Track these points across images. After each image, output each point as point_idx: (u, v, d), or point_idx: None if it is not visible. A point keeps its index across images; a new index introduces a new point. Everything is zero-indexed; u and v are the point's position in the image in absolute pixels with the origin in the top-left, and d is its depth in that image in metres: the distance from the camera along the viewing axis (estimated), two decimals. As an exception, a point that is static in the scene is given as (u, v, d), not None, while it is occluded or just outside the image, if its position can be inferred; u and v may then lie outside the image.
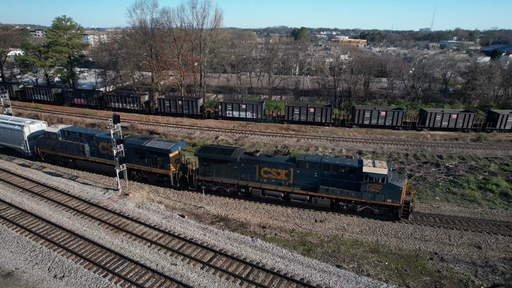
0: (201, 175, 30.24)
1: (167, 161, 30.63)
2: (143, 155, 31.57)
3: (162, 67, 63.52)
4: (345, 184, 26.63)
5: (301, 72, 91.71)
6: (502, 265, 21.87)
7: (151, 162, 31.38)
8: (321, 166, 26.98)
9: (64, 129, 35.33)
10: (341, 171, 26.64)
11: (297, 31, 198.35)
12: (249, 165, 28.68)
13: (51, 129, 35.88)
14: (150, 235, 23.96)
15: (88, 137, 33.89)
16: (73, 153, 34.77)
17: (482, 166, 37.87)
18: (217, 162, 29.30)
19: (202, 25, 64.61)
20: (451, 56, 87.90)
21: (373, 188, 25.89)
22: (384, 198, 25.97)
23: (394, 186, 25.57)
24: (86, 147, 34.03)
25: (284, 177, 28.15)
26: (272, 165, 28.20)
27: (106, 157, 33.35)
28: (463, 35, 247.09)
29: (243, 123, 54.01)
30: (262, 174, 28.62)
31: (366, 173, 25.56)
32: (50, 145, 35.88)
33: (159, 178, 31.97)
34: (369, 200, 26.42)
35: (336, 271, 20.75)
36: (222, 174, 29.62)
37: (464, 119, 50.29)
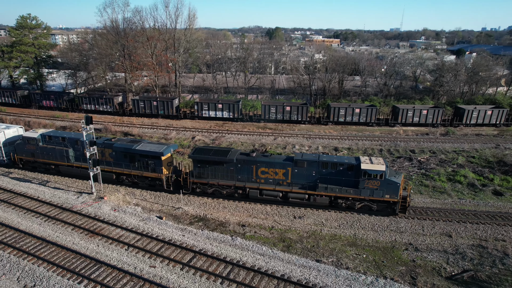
0: (196, 177, 29.39)
1: (159, 164, 29.50)
2: (133, 159, 30.28)
3: (135, 67, 62.13)
4: (343, 182, 26.67)
5: (276, 71, 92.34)
6: (470, 252, 22.92)
7: (142, 165, 30.15)
8: (319, 164, 26.91)
9: (45, 133, 33.27)
10: (339, 169, 26.67)
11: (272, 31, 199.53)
12: (245, 165, 28.16)
13: (30, 134, 33.82)
14: (127, 238, 23.37)
15: (72, 142, 32.08)
16: (56, 158, 32.84)
17: (451, 159, 39.52)
18: (213, 163, 28.55)
19: (175, 24, 63.79)
20: (420, 55, 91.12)
21: (371, 184, 26.10)
22: (382, 194, 26.23)
23: (392, 182, 25.87)
24: (70, 152, 32.25)
25: (282, 176, 27.87)
26: (269, 165, 27.85)
27: None
28: (430, 35, 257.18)
29: (220, 123, 53.73)
30: (259, 175, 28.18)
31: (364, 170, 25.72)
32: (29, 151, 33.80)
33: (151, 182, 30.74)
34: (368, 197, 26.60)
35: (316, 266, 21.03)
36: (218, 176, 28.90)
37: (433, 114, 52.28)
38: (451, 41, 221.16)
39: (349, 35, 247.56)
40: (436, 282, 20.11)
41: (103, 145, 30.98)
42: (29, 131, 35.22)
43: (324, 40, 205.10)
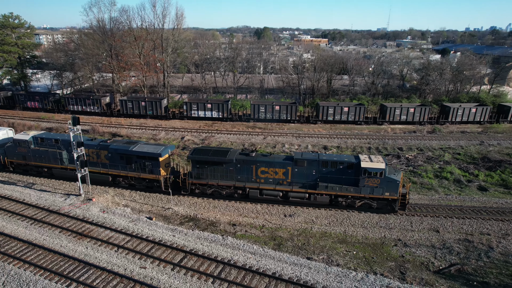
0: (195, 178, 29.04)
1: (156, 166, 29.02)
2: (129, 161, 29.67)
3: (123, 67, 61.36)
4: (344, 180, 26.76)
5: (265, 71, 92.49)
6: (457, 246, 23.39)
7: (139, 167, 29.55)
8: (319, 163, 26.93)
9: (36, 135, 32.21)
10: (339, 167, 26.76)
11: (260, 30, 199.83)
12: (245, 165, 27.96)
13: (21, 136, 32.58)
14: (117, 240, 23.09)
15: (66, 144, 30.96)
16: (49, 161, 31.84)
17: (438, 156, 40.24)
18: (212, 164, 28.28)
19: (163, 24, 63.27)
20: (406, 54, 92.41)
21: (371, 182, 26.28)
22: (382, 191, 26.44)
23: (391, 180, 26.09)
24: (64, 155, 31.32)
25: (282, 176, 27.78)
26: (269, 165, 27.73)
27: (88, 164, 30.46)
28: (416, 35, 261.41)
29: (209, 123, 53.55)
30: (259, 174, 28.03)
31: (364, 168, 25.89)
32: (21, 154, 32.67)
33: (148, 184, 30.27)
34: (368, 195, 26.79)
35: (307, 263, 21.15)
36: (217, 176, 28.63)
37: (420, 112, 53.12)
38: (436, 41, 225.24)
39: (337, 35, 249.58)
40: (424, 276, 20.45)
41: (99, 147, 30.35)
42: (20, 133, 34.03)
43: (312, 40, 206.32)
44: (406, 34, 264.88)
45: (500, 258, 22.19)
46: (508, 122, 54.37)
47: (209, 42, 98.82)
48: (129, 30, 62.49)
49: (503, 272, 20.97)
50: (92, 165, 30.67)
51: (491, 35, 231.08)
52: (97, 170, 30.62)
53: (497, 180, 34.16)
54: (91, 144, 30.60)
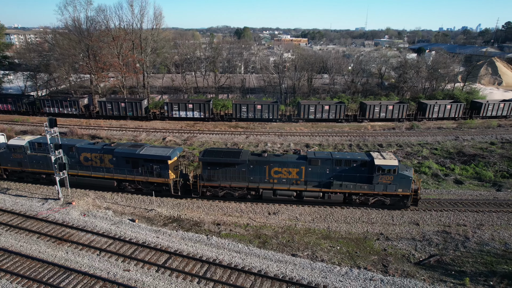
0: (206, 180, 28.37)
1: (165, 169, 28.18)
2: (136, 164, 28.69)
3: (101, 68, 59.92)
4: (358, 178, 26.92)
5: (246, 70, 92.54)
6: (436, 238, 24.17)
7: (146, 171, 28.62)
8: (332, 162, 26.96)
9: (33, 140, 30.49)
10: (352, 166, 26.88)
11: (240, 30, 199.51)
12: (258, 166, 27.59)
13: (16, 141, 30.72)
14: (99, 243, 22.58)
15: (66, 148, 29.47)
16: (48, 167, 29.97)
17: (416, 151, 41.38)
18: (224, 165, 27.72)
19: (141, 24, 62.22)
20: (384, 53, 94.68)
21: (385, 179, 26.54)
22: (395, 188, 26.75)
23: (404, 176, 26.47)
24: (64, 160, 29.66)
25: (295, 175, 27.57)
26: (282, 165, 27.47)
27: (91, 169, 29.73)
28: (393, 34, 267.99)
29: (191, 123, 53.12)
30: (272, 175, 27.70)
31: (378, 166, 26.15)
32: (16, 160, 30.83)
33: (156, 187, 29.30)
34: (381, 192, 27.03)
35: (292, 260, 21.34)
36: (229, 178, 28.06)
37: (399, 110, 54.48)
38: (412, 40, 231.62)
39: (317, 34, 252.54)
40: (406, 268, 21.02)
41: (102, 151, 29.21)
42: (14, 138, 32.06)
43: (292, 40, 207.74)
44: (384, 34, 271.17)
45: (475, 248, 23.08)
46: (481, 118, 56.53)
47: (189, 42, 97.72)
48: (106, 30, 61.11)
49: (478, 260, 21.83)
50: (95, 170, 29.63)
51: (462, 34, 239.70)
52: (101, 175, 29.50)
53: (471, 174, 35.50)
54: (94, 148, 29.45)
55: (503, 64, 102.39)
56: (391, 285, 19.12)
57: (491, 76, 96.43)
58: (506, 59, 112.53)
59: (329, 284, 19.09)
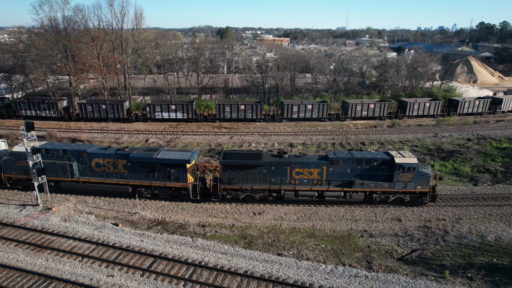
0: (226, 183, 27.94)
1: (184, 173, 27.60)
2: (152, 169, 27.99)
3: (80, 69, 58.50)
4: (379, 177, 27.36)
5: (229, 70, 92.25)
6: (417, 233, 24.78)
7: (163, 175, 27.96)
8: (353, 161, 27.22)
9: (40, 147, 28.78)
10: (373, 165, 27.24)
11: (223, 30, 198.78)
12: (279, 167, 27.42)
13: (21, 148, 28.63)
14: (81, 249, 22.07)
15: (76, 154, 28.67)
16: (57, 174, 28.98)
17: (398, 149, 42.22)
18: (244, 168, 27.43)
19: (122, 24, 61.10)
20: (365, 52, 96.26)
21: (405, 177, 27.07)
22: (414, 185, 27.33)
23: (424, 174, 27.10)
24: (74, 166, 28.72)
25: (317, 176, 27.59)
26: (304, 165, 27.41)
27: (103, 175, 28.79)
28: (373, 34, 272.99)
29: (174, 124, 52.60)
30: (293, 176, 27.59)
31: (399, 164, 26.63)
32: (21, 168, 29.16)
33: (174, 192, 28.76)
34: (401, 189, 27.50)
35: (278, 259, 21.44)
36: (249, 180, 27.76)
37: (380, 108, 55.52)
38: (392, 39, 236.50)
39: (299, 34, 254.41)
40: (389, 263, 21.46)
41: (116, 156, 28.35)
42: (18, 145, 30.18)
43: (275, 39, 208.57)
44: (364, 33, 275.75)
45: (454, 241, 23.80)
46: (458, 115, 58.27)
47: (170, 42, 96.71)
48: (85, 30, 59.67)
49: (457, 253, 22.53)
50: (108, 176, 28.79)
51: (439, 34, 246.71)
52: (115, 181, 28.68)
53: (450, 169, 36.58)
54: (106, 154, 28.55)
55: (478, 63, 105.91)
56: (375, 281, 19.48)
57: (466, 75, 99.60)
58: (480, 58, 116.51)
59: (315, 282, 19.28)
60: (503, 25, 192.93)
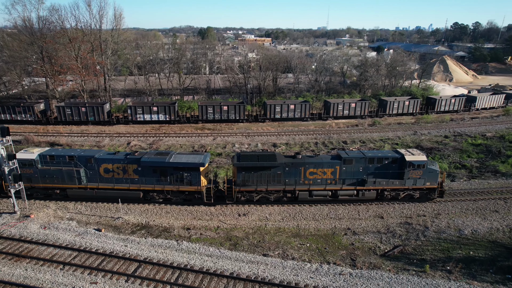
0: (240, 185, 27.77)
1: (197, 176, 27.26)
2: (164, 173, 27.50)
3: (58, 71, 56.95)
4: (390, 174, 28.00)
5: (211, 71, 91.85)
6: (399, 229, 25.42)
7: (176, 179, 27.57)
8: (366, 160, 27.68)
9: (44, 153, 28.02)
10: (384, 163, 27.84)
11: (204, 30, 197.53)
12: (293, 168, 27.55)
13: (24, 155, 27.75)
14: (62, 257, 21.53)
15: (84, 160, 27.71)
16: (63, 181, 28.02)
17: (379, 147, 43.20)
18: (259, 169, 27.40)
19: (100, 24, 59.88)
20: (346, 52, 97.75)
21: (414, 174, 27.81)
22: (424, 182, 28.16)
23: (432, 170, 27.94)
24: (82, 172, 27.81)
25: (330, 175, 27.90)
26: (317, 166, 27.64)
27: (113, 181, 28.05)
28: (353, 33, 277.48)
29: (156, 126, 51.99)
30: (307, 176, 27.80)
31: (410, 162, 27.33)
32: (25, 176, 27.87)
33: (187, 196, 28.45)
34: (411, 186, 28.28)
35: (263, 260, 21.55)
36: (264, 182, 27.71)
37: (361, 107, 56.54)
38: (372, 39, 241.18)
39: (280, 34, 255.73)
40: (372, 260, 21.93)
41: (126, 161, 27.59)
42: (21, 152, 28.68)
43: (257, 39, 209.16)
44: (345, 33, 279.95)
45: (434, 236, 24.56)
46: (435, 113, 60.04)
47: (151, 43, 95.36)
48: (62, 31, 58.10)
49: (437, 248, 23.26)
50: (117, 182, 28.05)
51: (417, 34, 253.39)
52: (125, 186, 28.06)
53: (429, 166, 37.58)
54: (116, 159, 27.76)
55: (453, 62, 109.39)
56: (359, 278, 19.87)
57: (443, 73, 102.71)
58: (455, 57, 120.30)
59: (301, 281, 19.50)
60: (476, 25, 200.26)
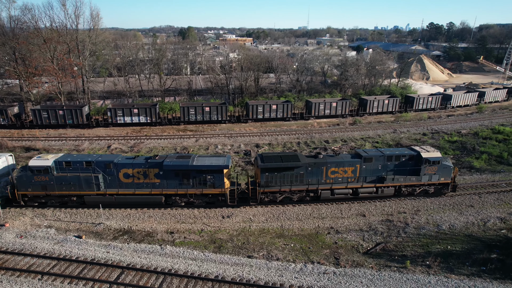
0: (264, 186, 27.88)
1: (221, 179, 27.14)
2: (187, 176, 27.20)
3: (32, 73, 55.14)
4: (408, 171, 28.96)
5: (192, 71, 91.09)
6: (381, 227, 25.98)
7: (199, 182, 27.31)
8: (384, 158, 28.46)
9: (59, 159, 27.02)
10: (401, 160, 28.72)
11: (185, 30, 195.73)
12: (316, 168, 28.00)
13: (38, 162, 26.73)
14: (40, 266, 20.89)
15: (102, 165, 26.97)
16: (80, 188, 27.23)
17: (360, 145, 43.95)
18: (282, 170, 27.59)
19: (77, 25, 58.37)
20: (326, 51, 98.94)
21: (430, 170, 28.95)
22: (438, 177, 29.38)
23: (446, 166, 29.21)
24: (100, 178, 27.08)
25: (350, 174, 28.53)
26: (339, 165, 28.19)
27: (134, 186, 27.42)
28: (333, 33, 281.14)
29: (137, 128, 51.15)
30: (329, 175, 28.34)
31: (426, 158, 28.39)
32: (39, 184, 27.00)
33: (211, 199, 28.27)
34: (427, 182, 29.39)
35: (248, 262, 21.58)
36: (287, 182, 27.95)
37: (342, 106, 57.35)
38: (351, 38, 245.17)
39: (261, 33, 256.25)
40: (355, 258, 22.31)
41: (147, 165, 27.00)
42: (34, 158, 27.63)
43: (238, 39, 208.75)
44: (325, 32, 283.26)
45: (414, 232, 25.23)
46: (414, 111, 61.58)
47: (131, 43, 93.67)
48: (36, 31, 56.28)
49: (417, 243, 23.91)
50: (138, 187, 27.48)
51: (395, 33, 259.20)
52: (147, 191, 27.50)
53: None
54: (136, 163, 27.13)
55: (430, 61, 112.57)
56: (343, 276, 20.19)
57: (420, 72, 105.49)
58: (431, 56, 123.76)
59: (285, 282, 19.64)
60: (450, 25, 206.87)
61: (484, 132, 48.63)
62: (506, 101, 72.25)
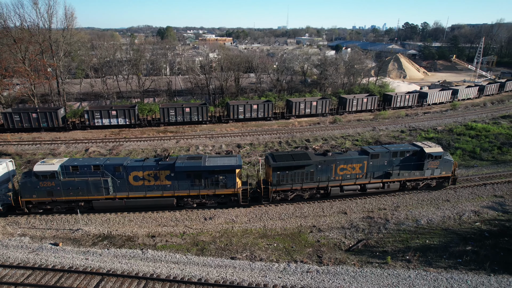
0: (276, 185, 28.16)
1: (233, 179, 27.13)
2: (199, 177, 26.97)
3: (2, 74, 52.94)
4: (412, 166, 29.96)
5: (172, 72, 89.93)
6: (362, 224, 26.38)
7: (211, 183, 27.15)
8: (390, 154, 29.37)
9: (66, 164, 26.08)
10: (406, 156, 29.75)
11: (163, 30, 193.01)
12: (325, 165, 28.44)
13: (44, 167, 25.75)
14: (13, 277, 20.04)
15: (111, 169, 26.27)
16: (88, 193, 26.35)
17: (340, 144, 44.53)
18: (294, 168, 27.87)
19: (50, 24, 56.39)
20: (306, 51, 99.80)
21: (433, 165, 30.05)
22: (440, 171, 30.55)
23: (447, 160, 30.41)
24: (109, 182, 26.31)
25: (358, 170, 29.23)
26: (347, 162, 28.78)
27: (144, 189, 26.86)
28: (312, 32, 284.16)
29: (116, 131, 49.99)
30: (338, 172, 28.86)
31: (429, 153, 29.47)
32: (44, 189, 26.05)
33: (223, 199, 28.13)
34: (429, 176, 30.49)
35: (231, 263, 21.45)
36: (298, 180, 28.34)
37: (322, 105, 57.97)
38: (330, 38, 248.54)
39: (241, 33, 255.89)
40: (338, 256, 22.56)
41: (158, 167, 26.50)
42: (38, 163, 26.46)
43: (217, 39, 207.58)
44: (304, 32, 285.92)
45: (394, 228, 25.76)
46: (392, 109, 62.98)
47: (108, 43, 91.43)
48: (4, 31, 54.02)
49: (397, 239, 24.42)
50: (149, 190, 27.00)
51: (372, 33, 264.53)
52: (158, 194, 27.06)
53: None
54: (146, 166, 26.55)
55: (406, 60, 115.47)
56: (326, 274, 20.37)
57: (397, 71, 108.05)
58: (407, 55, 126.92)
59: (269, 282, 19.63)
60: (424, 25, 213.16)
61: (458, 128, 50.28)
62: (477, 98, 75.02)
